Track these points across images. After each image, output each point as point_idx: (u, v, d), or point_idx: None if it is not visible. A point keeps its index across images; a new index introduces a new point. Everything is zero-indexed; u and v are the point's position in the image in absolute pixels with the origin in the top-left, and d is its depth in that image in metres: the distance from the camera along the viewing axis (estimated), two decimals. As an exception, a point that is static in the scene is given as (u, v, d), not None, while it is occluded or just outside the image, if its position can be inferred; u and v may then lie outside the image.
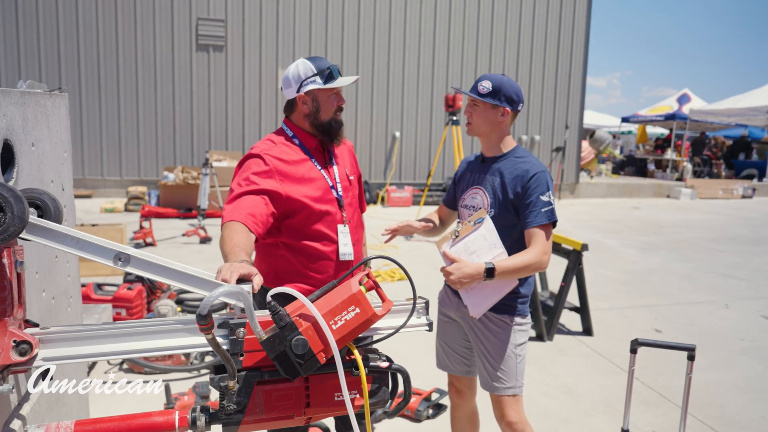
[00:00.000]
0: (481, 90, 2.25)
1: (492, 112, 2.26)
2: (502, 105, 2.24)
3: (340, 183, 2.28)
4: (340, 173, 2.31)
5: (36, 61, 11.30)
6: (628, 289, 6.28)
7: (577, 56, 14.52)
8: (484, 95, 2.24)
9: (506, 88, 2.24)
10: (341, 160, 2.37)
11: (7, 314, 1.35)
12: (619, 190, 15.78)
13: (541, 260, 2.15)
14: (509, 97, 2.25)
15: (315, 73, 2.17)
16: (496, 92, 2.23)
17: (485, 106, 2.26)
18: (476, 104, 2.28)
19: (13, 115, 1.65)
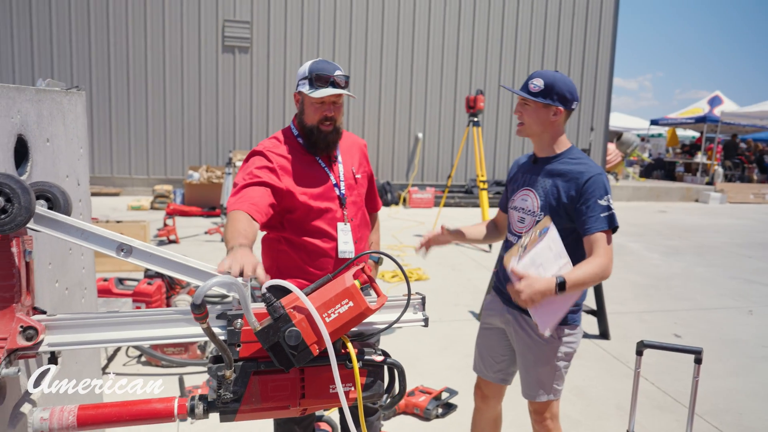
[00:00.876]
0: (532, 89, 2.13)
1: (544, 112, 2.14)
2: (555, 104, 2.12)
3: (344, 181, 2.30)
4: (345, 171, 2.33)
5: (68, 63, 11.61)
6: (648, 294, 6.18)
7: (603, 57, 14.33)
8: (536, 94, 2.13)
9: (559, 86, 2.12)
10: (348, 158, 2.38)
11: (15, 301, 1.41)
12: (645, 193, 15.52)
13: (607, 268, 2.02)
14: (562, 95, 2.12)
15: (304, 77, 2.18)
16: (548, 91, 2.11)
17: (536, 106, 2.14)
18: (527, 103, 2.17)
19: (27, 112, 1.72)
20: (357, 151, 2.45)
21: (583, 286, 2.00)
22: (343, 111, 2.27)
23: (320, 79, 2.14)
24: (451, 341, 4.48)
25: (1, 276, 1.40)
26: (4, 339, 1.38)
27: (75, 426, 1.46)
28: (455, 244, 8.55)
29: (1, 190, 1.32)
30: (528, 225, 2.22)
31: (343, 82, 2.16)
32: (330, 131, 2.23)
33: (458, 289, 6.00)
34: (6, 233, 1.34)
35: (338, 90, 2.15)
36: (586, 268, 2.00)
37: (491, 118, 13.85)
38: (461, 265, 7.16)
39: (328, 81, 2.14)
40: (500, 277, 2.38)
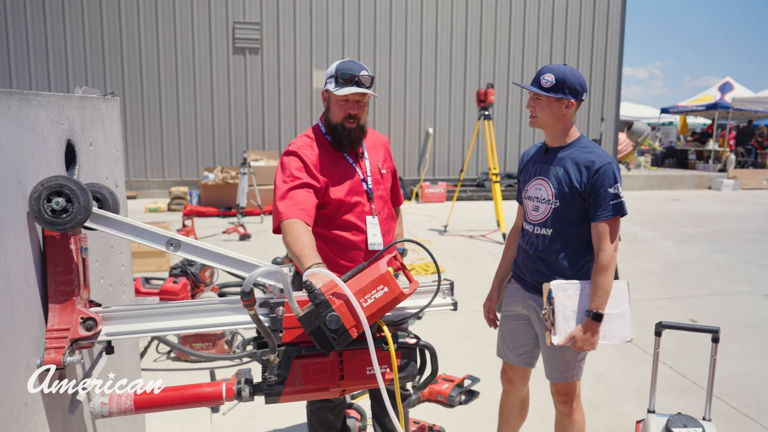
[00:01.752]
0: (543, 84, 2.21)
1: (556, 105, 2.23)
2: (566, 97, 2.21)
3: (371, 176, 2.40)
4: (371, 167, 2.43)
5: (82, 67, 11.80)
6: (663, 281, 6.23)
7: (612, 46, 14.31)
8: (548, 89, 2.21)
9: (570, 80, 2.20)
10: (373, 154, 2.48)
11: (75, 294, 1.52)
12: (658, 182, 15.47)
13: (612, 258, 2.18)
14: (573, 88, 2.21)
15: (331, 75, 2.29)
16: (559, 85, 2.20)
17: (549, 100, 2.23)
18: (539, 98, 2.25)
19: (74, 118, 1.83)
20: (381, 147, 2.56)
21: (606, 292, 2.18)
22: (367, 110, 2.37)
23: (345, 77, 2.23)
24: (470, 331, 4.57)
25: (63, 271, 1.51)
26: (66, 329, 1.49)
27: (132, 409, 1.57)
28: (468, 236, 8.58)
29: (62, 191, 1.43)
30: (543, 213, 2.31)
31: (368, 82, 2.26)
32: (354, 128, 2.32)
33: (474, 281, 6.08)
34: (67, 231, 1.45)
35: (361, 89, 2.25)
36: (599, 277, 2.18)
37: (501, 112, 13.89)
38: (476, 258, 7.24)
39: (353, 80, 2.24)
40: (520, 266, 2.46)
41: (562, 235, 2.28)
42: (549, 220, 2.29)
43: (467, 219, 10.10)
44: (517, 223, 2.59)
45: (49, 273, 1.51)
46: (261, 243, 7.96)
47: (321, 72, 12.81)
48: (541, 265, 2.33)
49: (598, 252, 2.20)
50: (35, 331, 1.44)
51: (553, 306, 2.21)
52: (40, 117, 1.54)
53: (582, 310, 2.22)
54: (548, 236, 2.30)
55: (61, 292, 1.51)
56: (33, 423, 1.41)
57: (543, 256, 2.32)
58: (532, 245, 2.37)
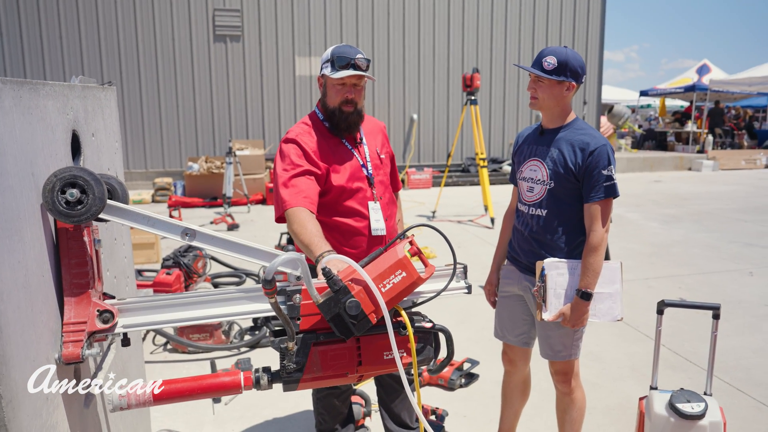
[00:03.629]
0: (546, 66, 2.22)
1: (558, 88, 2.24)
2: (568, 80, 2.22)
3: (371, 161, 2.39)
4: (370, 152, 2.42)
5: (59, 57, 11.53)
6: (651, 261, 6.33)
7: (593, 31, 14.38)
8: (550, 72, 2.22)
9: (572, 63, 2.21)
10: (371, 139, 2.47)
11: (90, 287, 1.50)
12: (639, 164, 15.67)
13: (603, 239, 2.22)
14: (575, 71, 2.22)
15: (327, 60, 2.26)
16: (562, 68, 2.21)
17: (550, 82, 2.23)
18: (541, 80, 2.25)
19: (78, 108, 1.80)
20: (378, 132, 2.54)
21: (596, 272, 2.22)
22: (364, 94, 2.35)
23: (341, 61, 2.21)
24: (466, 315, 4.61)
25: (77, 263, 1.49)
26: (83, 322, 1.47)
27: (152, 401, 1.56)
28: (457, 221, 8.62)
29: (77, 182, 1.40)
30: (538, 194, 2.34)
31: (365, 65, 2.23)
32: (351, 112, 2.30)
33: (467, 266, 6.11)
34: (82, 223, 1.42)
35: (358, 72, 2.22)
36: (590, 258, 2.22)
37: (485, 96, 13.90)
38: (466, 242, 7.28)
39: (349, 63, 2.21)
40: (515, 247, 2.49)
41: (556, 216, 2.31)
42: (544, 200, 2.32)
43: (455, 204, 10.14)
44: (512, 204, 2.61)
45: (64, 266, 1.48)
46: (250, 232, 7.91)
47: (304, 59, 12.68)
48: (535, 246, 2.35)
49: (589, 233, 2.24)
50: (52, 324, 1.43)
51: (545, 283, 2.27)
52: (48, 107, 1.51)
53: (572, 289, 2.26)
54: (543, 217, 2.33)
55: (77, 285, 1.49)
56: (54, 417, 1.40)
57: (537, 236, 2.35)
58: (527, 226, 2.39)
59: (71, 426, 1.51)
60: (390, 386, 2.56)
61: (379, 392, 2.64)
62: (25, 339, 1.26)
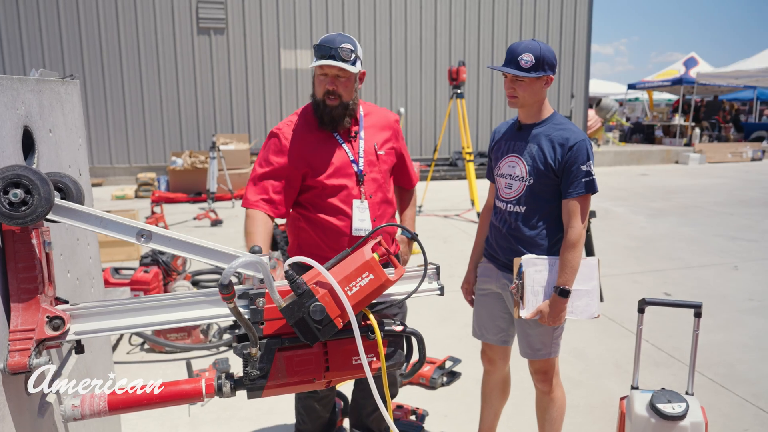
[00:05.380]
0: (523, 65, 2.15)
1: (537, 83, 2.19)
2: (547, 74, 2.18)
3: (364, 157, 2.28)
4: (365, 147, 2.29)
5: (39, 51, 11.32)
6: (636, 255, 6.32)
7: (581, 24, 14.35)
8: (528, 69, 2.16)
9: (547, 56, 2.16)
10: (373, 133, 2.35)
11: (39, 292, 1.42)
12: (626, 157, 15.70)
13: (581, 235, 2.18)
14: (551, 63, 2.18)
15: (314, 50, 2.18)
16: (539, 63, 2.15)
17: (530, 80, 2.18)
18: (520, 79, 2.19)
19: (30, 102, 1.71)
20: (386, 127, 2.41)
21: (574, 268, 2.19)
22: (353, 87, 2.22)
23: (321, 49, 2.12)
24: (449, 311, 4.56)
25: (24, 268, 1.40)
26: (32, 330, 1.39)
27: (107, 411, 1.48)
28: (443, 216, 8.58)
29: (21, 182, 1.32)
30: (516, 190, 2.28)
31: (348, 56, 2.12)
32: (335, 106, 2.20)
33: (451, 261, 6.07)
34: (27, 225, 1.34)
35: (333, 62, 2.11)
36: (567, 254, 2.18)
37: (472, 89, 13.85)
38: (452, 237, 7.23)
39: (329, 53, 2.11)
40: (492, 244, 2.43)
41: (535, 212, 2.26)
42: (523, 197, 2.27)
43: (441, 198, 10.09)
44: (489, 201, 2.56)
45: (10, 270, 1.40)
46: (233, 228, 7.81)
47: (289, 52, 12.54)
48: (513, 243, 2.31)
49: (567, 229, 2.20)
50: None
51: (523, 280, 2.22)
52: (-8, 102, 1.42)
53: (550, 286, 2.22)
54: (521, 213, 2.28)
55: (24, 291, 1.41)
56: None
57: (516, 233, 2.30)
58: (504, 223, 2.34)
59: (19, 439, 1.43)
60: (367, 390, 2.50)
61: (355, 393, 2.57)
62: (-40, 350, 1.18)
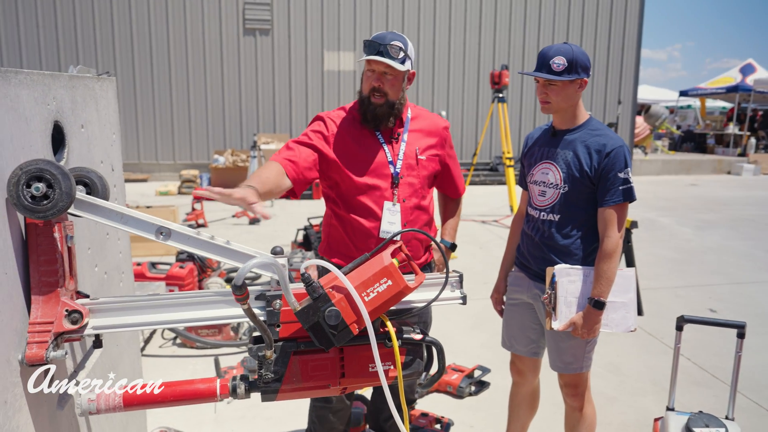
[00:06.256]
0: (555, 68, 2.09)
1: (571, 87, 2.13)
2: (581, 77, 2.12)
3: (403, 160, 2.22)
4: (406, 150, 2.24)
5: (92, 50, 11.73)
6: (681, 269, 6.07)
7: (630, 28, 13.95)
8: (560, 73, 2.09)
9: (580, 58, 2.10)
10: (417, 137, 2.30)
11: (59, 285, 1.43)
12: (675, 166, 15.18)
13: (618, 245, 2.10)
14: (584, 66, 2.11)
15: (364, 45, 2.15)
16: (572, 66, 2.09)
17: (563, 84, 2.11)
18: (553, 83, 2.12)
19: (62, 98, 1.73)
20: (432, 133, 2.35)
21: (610, 279, 2.10)
22: (400, 86, 2.19)
23: (371, 45, 2.10)
24: (481, 319, 4.47)
25: (45, 261, 1.42)
26: (50, 323, 1.40)
27: (121, 406, 1.49)
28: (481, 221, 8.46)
29: (43, 176, 1.33)
30: (550, 198, 2.21)
31: (397, 54, 2.09)
32: (380, 104, 2.16)
33: (486, 268, 5.96)
34: (48, 219, 1.35)
35: (381, 58, 2.08)
36: (603, 264, 2.10)
37: (516, 93, 13.64)
38: (489, 244, 7.12)
39: (377, 49, 2.09)
40: (524, 253, 2.36)
41: (570, 221, 2.19)
42: (557, 205, 2.20)
43: (480, 204, 9.96)
44: (521, 209, 2.49)
45: (32, 263, 1.42)
46: (271, 227, 7.89)
47: (332, 54, 12.63)
48: (546, 252, 2.23)
49: (603, 238, 2.12)
50: (17, 324, 1.36)
51: (556, 291, 2.15)
52: (21, 96, 1.44)
53: (584, 297, 2.14)
54: (555, 222, 2.21)
55: (45, 283, 1.42)
56: (14, 422, 1.33)
57: (549, 242, 2.22)
58: (537, 231, 2.26)
59: (38, 429, 1.45)
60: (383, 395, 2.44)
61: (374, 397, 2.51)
62: (-24, 341, 1.19)
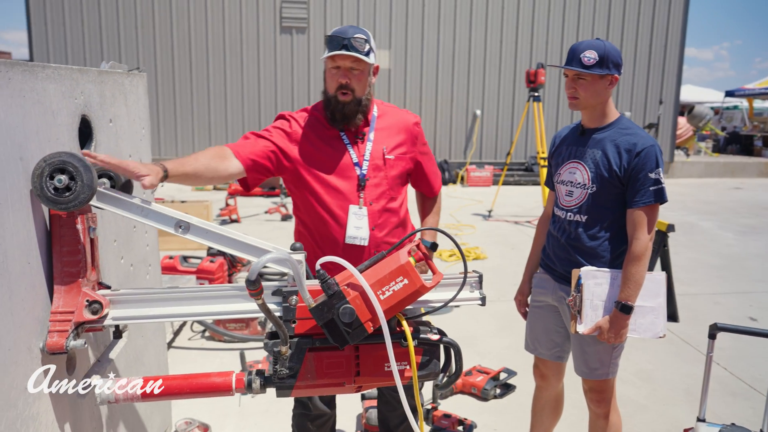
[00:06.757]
0: (586, 62, 2.04)
1: (600, 83, 2.08)
2: (611, 72, 2.07)
3: (369, 161, 2.10)
4: (373, 150, 2.11)
5: (134, 49, 12.02)
6: (721, 274, 5.86)
7: (674, 25, 13.55)
8: (591, 66, 2.04)
9: (612, 54, 2.05)
10: (384, 136, 2.16)
11: (81, 276, 1.46)
12: (719, 169, 14.68)
13: (647, 247, 2.04)
14: (616, 62, 2.07)
15: (326, 42, 2.02)
16: (603, 61, 2.04)
17: (593, 78, 2.06)
18: (582, 77, 2.08)
19: (90, 93, 1.77)
20: (402, 130, 2.20)
21: (638, 283, 2.04)
22: (367, 81, 2.06)
23: (333, 40, 1.97)
24: (510, 321, 4.40)
25: (68, 252, 1.45)
26: (71, 312, 1.43)
27: (139, 397, 1.50)
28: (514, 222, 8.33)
29: (65, 168, 1.35)
30: (577, 198, 2.16)
31: (362, 47, 1.97)
32: (348, 102, 2.03)
33: (517, 269, 5.87)
34: (70, 210, 1.38)
35: (344, 51, 1.95)
36: (631, 267, 2.04)
37: (553, 93, 13.42)
38: (521, 244, 7.01)
39: (341, 44, 1.96)
40: (550, 254, 2.31)
41: (597, 222, 2.13)
42: (584, 205, 2.14)
43: (513, 204, 9.83)
44: (547, 209, 2.44)
45: (55, 253, 1.45)
46: (302, 224, 7.94)
47: (368, 52, 12.64)
48: (572, 253, 2.18)
49: (632, 240, 2.06)
50: (39, 312, 1.39)
51: (582, 293, 2.09)
52: (48, 90, 1.48)
53: (611, 300, 2.09)
54: (582, 223, 2.15)
55: (67, 274, 1.45)
56: (34, 408, 1.36)
57: (575, 243, 2.17)
58: (563, 232, 2.21)
59: (58, 417, 1.48)
60: (390, 403, 2.37)
61: (379, 406, 2.48)
62: (-2, 328, 1.22)
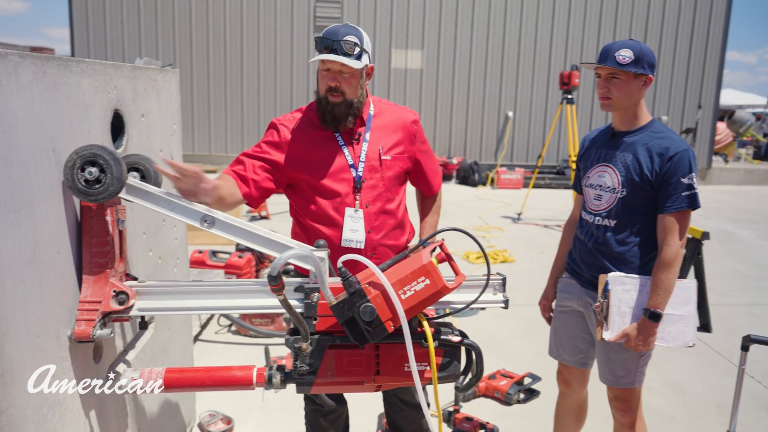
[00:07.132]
0: (621, 60, 2.01)
1: (635, 83, 2.04)
2: (647, 73, 2.03)
3: (365, 162, 2.07)
4: (368, 151, 2.08)
5: (171, 47, 12.24)
6: (758, 285, 5.67)
7: (715, 28, 13.18)
8: (626, 65, 2.01)
9: (647, 54, 2.03)
10: (380, 136, 2.12)
11: (109, 266, 1.49)
12: (759, 176, 14.22)
13: (679, 254, 1.99)
14: (651, 63, 2.03)
15: (316, 43, 1.98)
16: (638, 60, 2.00)
17: (627, 77, 2.03)
18: (617, 76, 2.04)
19: (123, 88, 1.81)
20: (399, 129, 2.16)
21: (668, 290, 2.00)
22: (357, 84, 2.03)
23: (322, 42, 1.95)
24: (537, 325, 4.34)
25: (96, 243, 1.48)
26: (98, 302, 1.46)
27: (162, 387, 1.53)
28: (543, 226, 8.21)
29: (96, 161, 1.39)
30: (606, 202, 2.12)
31: (352, 50, 1.93)
32: (338, 103, 2.00)
33: (545, 273, 5.72)
34: (100, 202, 1.41)
35: (332, 56, 1.92)
36: (659, 277, 1.99)
37: (587, 95, 13.18)
38: (550, 248, 6.91)
39: (329, 46, 1.93)
40: (576, 259, 2.27)
41: (626, 227, 2.09)
42: (613, 210, 2.10)
43: (543, 207, 9.70)
44: (574, 213, 2.41)
45: (84, 244, 1.48)
46: (330, 222, 7.98)
47: (400, 51, 12.63)
48: (600, 258, 2.13)
49: (662, 246, 2.00)
50: (67, 301, 1.43)
51: (609, 299, 2.05)
52: (81, 84, 1.51)
53: (639, 308, 2.04)
54: (611, 227, 2.10)
55: (96, 264, 1.49)
56: (60, 394, 1.40)
57: (603, 248, 2.12)
58: (591, 237, 2.17)
59: (84, 402, 1.51)
60: (396, 404, 2.33)
61: (385, 407, 2.45)
62: (27, 315, 1.26)
